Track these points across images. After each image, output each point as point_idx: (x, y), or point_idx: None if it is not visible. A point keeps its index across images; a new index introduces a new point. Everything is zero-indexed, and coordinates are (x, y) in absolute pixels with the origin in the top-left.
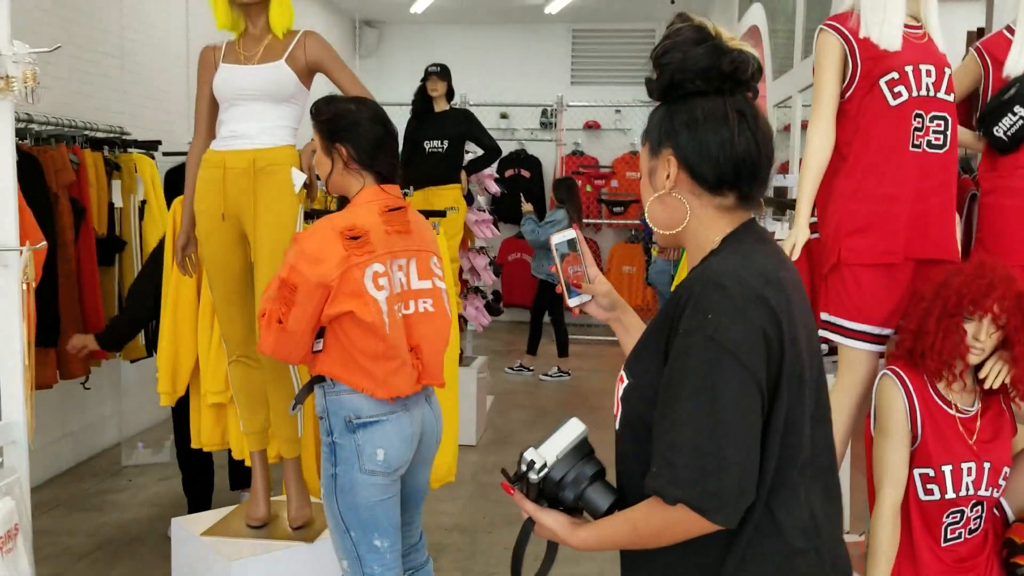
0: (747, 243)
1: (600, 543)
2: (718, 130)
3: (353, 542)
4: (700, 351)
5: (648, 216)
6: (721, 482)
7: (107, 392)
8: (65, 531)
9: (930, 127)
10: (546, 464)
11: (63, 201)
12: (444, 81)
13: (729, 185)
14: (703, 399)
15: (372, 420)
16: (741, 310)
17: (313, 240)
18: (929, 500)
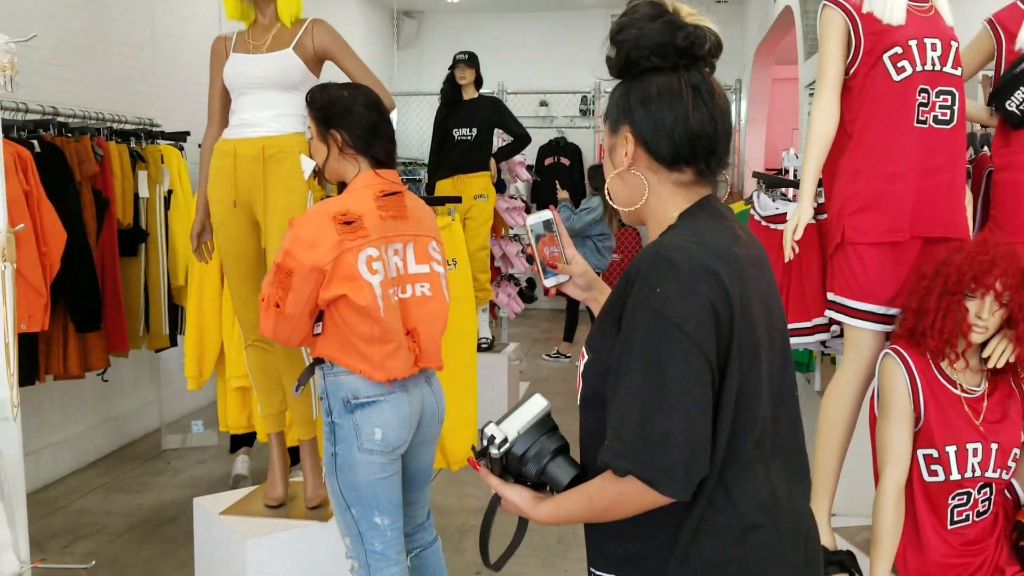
0: (700, 218)
1: (559, 517)
2: (673, 106)
3: (354, 519)
4: (647, 325)
5: (609, 194)
6: (669, 455)
7: (148, 379)
8: (103, 512)
9: (936, 102)
10: (507, 439)
11: (86, 192)
12: (472, 68)
13: (686, 161)
14: (651, 372)
15: (370, 400)
16: (689, 284)
17: (307, 225)
18: (934, 481)
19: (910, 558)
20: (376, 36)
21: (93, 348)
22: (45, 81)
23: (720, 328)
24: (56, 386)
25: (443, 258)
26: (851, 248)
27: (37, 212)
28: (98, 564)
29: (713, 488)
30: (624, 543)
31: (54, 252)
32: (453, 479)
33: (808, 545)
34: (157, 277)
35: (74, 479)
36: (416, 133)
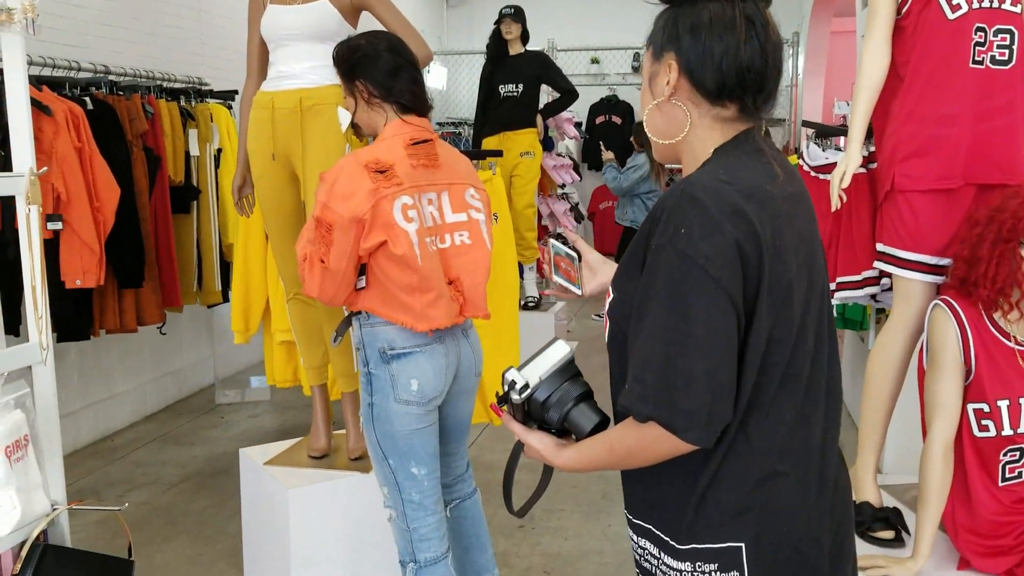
0: (734, 155)
1: (580, 464)
2: (724, 36)
3: (391, 469)
4: (670, 265)
5: (646, 124)
6: (691, 399)
7: (203, 335)
8: (158, 463)
9: (994, 41)
10: (528, 385)
11: (137, 150)
12: (518, 23)
13: (731, 95)
14: (673, 315)
15: (405, 351)
16: (715, 223)
17: (341, 176)
18: (984, 437)
19: (959, 515)
20: None
21: (147, 303)
22: (96, 40)
23: (747, 269)
24: (116, 341)
25: (484, 204)
26: (901, 196)
27: (90, 168)
28: (152, 513)
29: (735, 434)
30: (648, 489)
31: (107, 207)
32: (497, 435)
33: (836, 493)
34: (209, 234)
35: (132, 431)
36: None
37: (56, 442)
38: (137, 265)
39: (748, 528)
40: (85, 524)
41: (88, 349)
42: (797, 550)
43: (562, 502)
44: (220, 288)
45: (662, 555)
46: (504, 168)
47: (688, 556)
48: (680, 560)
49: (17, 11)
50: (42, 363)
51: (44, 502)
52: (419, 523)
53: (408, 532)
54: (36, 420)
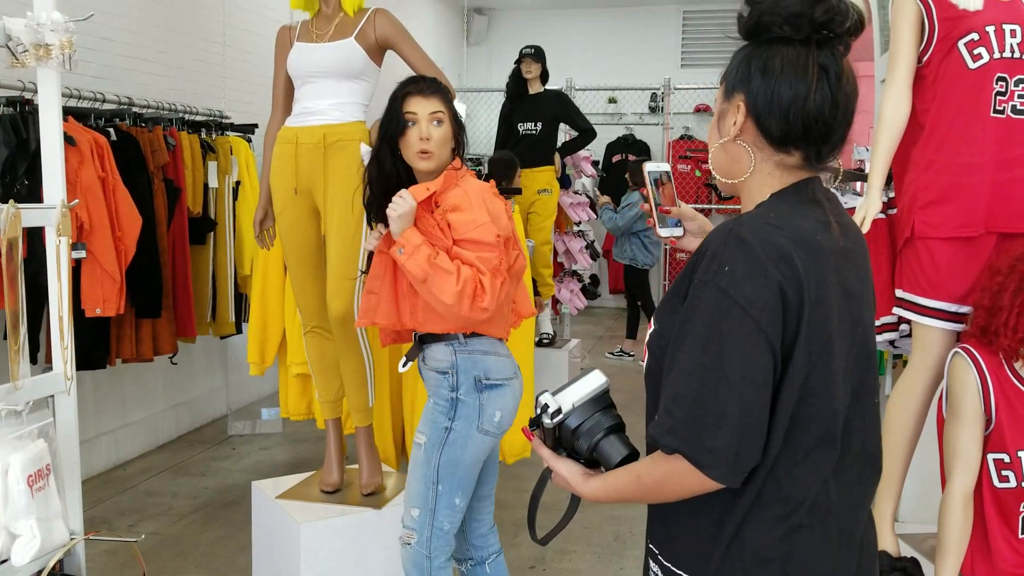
0: (790, 201)
1: (607, 495)
2: (794, 83)
3: (436, 494)
4: (711, 304)
5: (711, 161)
6: (719, 437)
7: (216, 366)
8: (169, 493)
9: (1015, 91)
10: (560, 410)
11: (158, 181)
12: (538, 63)
13: (795, 143)
14: (710, 352)
15: (499, 383)
16: (760, 266)
17: (485, 200)
18: (1004, 488)
19: (978, 568)
20: (446, 33)
21: (162, 333)
22: (122, 72)
23: (788, 315)
24: (130, 370)
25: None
26: (921, 243)
27: (112, 197)
28: (161, 544)
29: (764, 480)
30: (674, 526)
31: (129, 237)
32: (510, 473)
33: (863, 551)
34: (224, 266)
35: (143, 460)
36: (485, 129)
37: (76, 472)
38: (155, 295)
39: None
40: (95, 554)
41: (103, 378)
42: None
43: (574, 543)
44: (234, 319)
45: None
46: (522, 205)
47: None
48: None
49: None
50: (66, 393)
51: (63, 532)
52: (439, 552)
53: (427, 560)
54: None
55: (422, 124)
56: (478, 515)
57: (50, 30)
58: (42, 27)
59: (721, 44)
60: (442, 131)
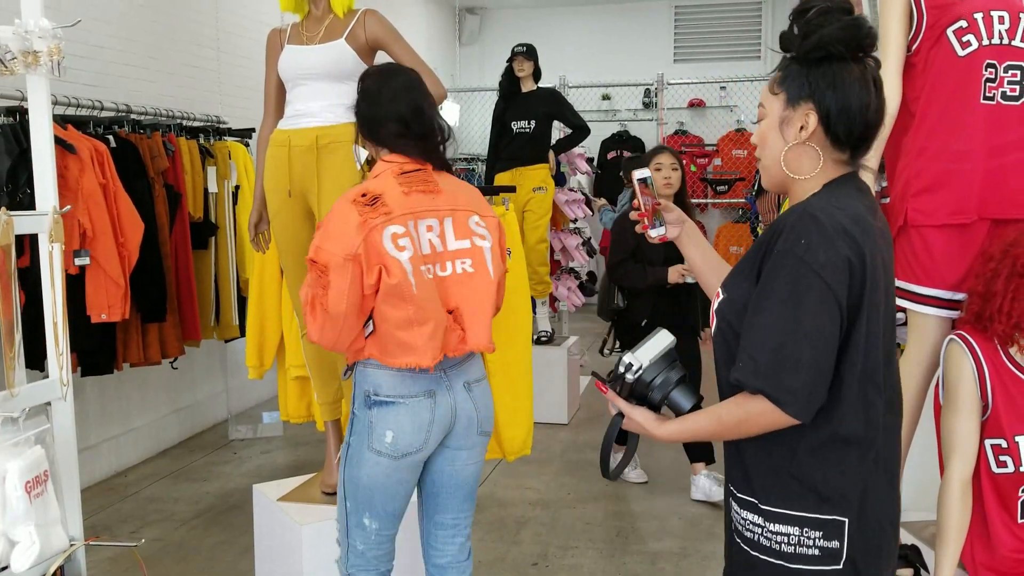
0: (844, 190)
1: (683, 434)
2: (861, 94)
3: (346, 512)
4: (790, 269)
5: (784, 161)
6: (796, 379)
7: (216, 370)
8: (171, 499)
9: (1004, 77)
10: (641, 366)
11: (158, 187)
12: (531, 61)
13: (853, 143)
14: (788, 309)
15: (388, 400)
16: (830, 239)
17: (332, 216)
18: (1002, 473)
19: (978, 553)
20: (438, 33)
21: (168, 336)
22: (118, 80)
23: (852, 281)
24: (132, 376)
25: (492, 232)
26: (914, 231)
27: (114, 204)
28: (164, 549)
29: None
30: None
31: (132, 242)
32: (511, 471)
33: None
34: (226, 269)
35: (145, 467)
36: (479, 129)
37: (74, 478)
38: (160, 299)
39: (853, 506)
40: (97, 560)
41: (105, 384)
42: (883, 529)
43: (576, 540)
44: (237, 323)
45: (767, 523)
46: (517, 203)
47: (797, 522)
48: (788, 525)
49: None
50: (62, 399)
51: (62, 538)
52: (357, 571)
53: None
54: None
55: None
56: (436, 542)
57: (38, 37)
58: (30, 34)
59: (713, 39)
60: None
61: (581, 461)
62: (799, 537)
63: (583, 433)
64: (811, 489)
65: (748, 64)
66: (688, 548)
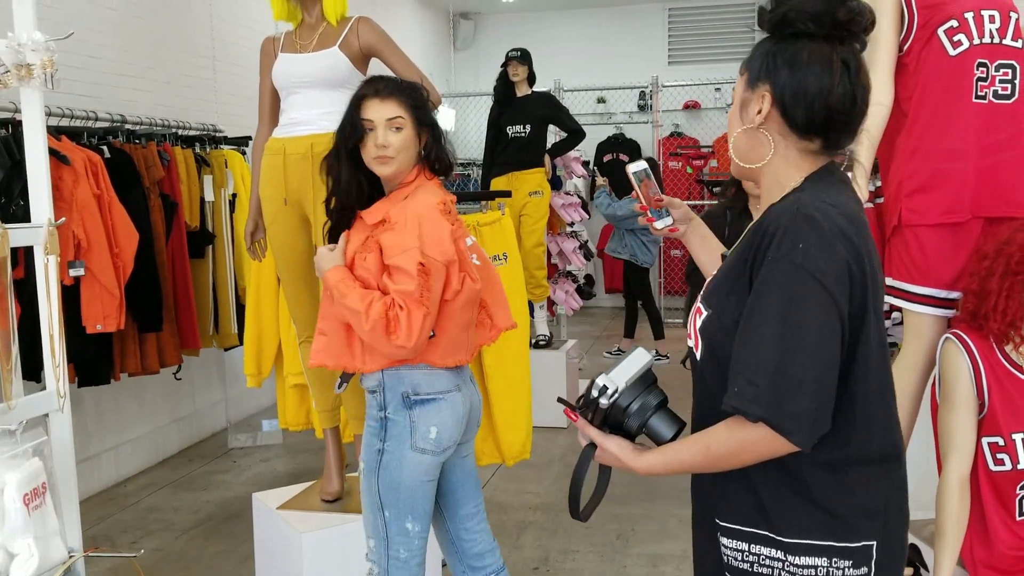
0: (829, 182)
1: (666, 466)
2: (820, 76)
3: (385, 522)
4: (787, 277)
5: (732, 146)
6: (800, 404)
7: (215, 379)
8: (171, 508)
9: (995, 76)
10: (617, 390)
11: (153, 197)
12: (525, 65)
13: (816, 132)
14: (788, 323)
15: (430, 398)
16: (829, 243)
17: (424, 221)
18: (1000, 471)
19: (977, 551)
20: (433, 38)
21: (166, 346)
22: (112, 90)
23: (854, 288)
24: (131, 386)
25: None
26: (909, 230)
27: (109, 214)
28: (164, 559)
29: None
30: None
31: (127, 253)
32: (511, 475)
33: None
34: (224, 278)
35: (145, 476)
36: (475, 134)
37: (73, 489)
38: (156, 309)
39: (879, 528)
40: (98, 571)
41: (103, 394)
42: (902, 544)
43: (577, 543)
44: (236, 331)
45: (789, 556)
46: (513, 208)
47: (824, 552)
48: (815, 556)
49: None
50: (59, 410)
51: (61, 549)
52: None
53: None
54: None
55: (379, 130)
56: (466, 535)
57: (31, 50)
58: (23, 47)
59: (707, 40)
60: (402, 136)
61: None
62: (828, 568)
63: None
64: (838, 516)
65: None
66: (688, 551)
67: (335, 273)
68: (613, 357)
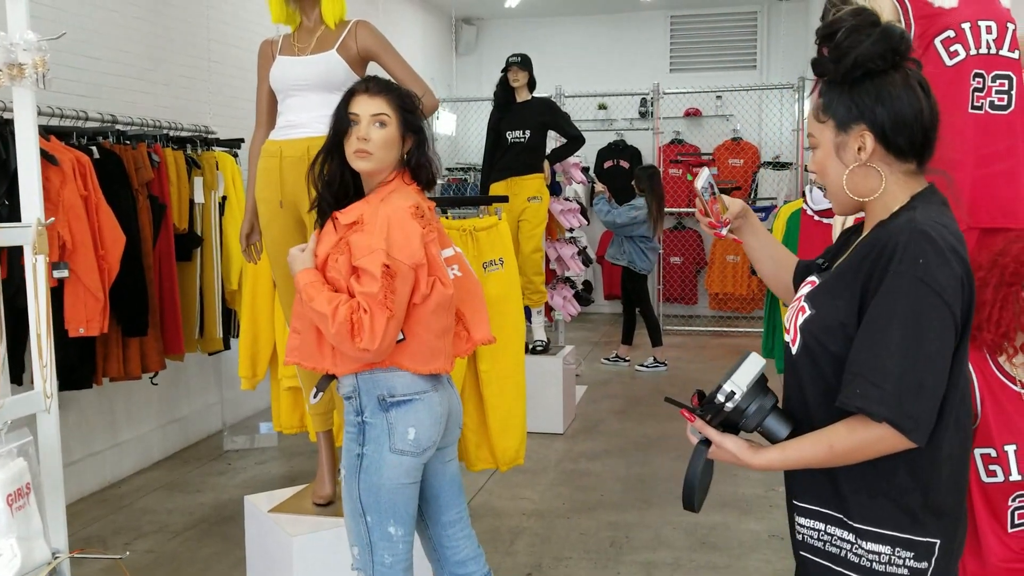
0: (934, 203)
1: (785, 462)
2: (911, 102)
3: (367, 527)
4: (910, 290)
5: (847, 187)
6: (921, 404)
7: (211, 381)
8: (165, 510)
9: (992, 87)
10: (741, 394)
11: (142, 199)
12: (525, 71)
13: (916, 151)
14: (910, 332)
15: (406, 399)
16: (946, 258)
17: (392, 224)
18: (992, 483)
19: (968, 563)
20: (435, 44)
21: (150, 351)
22: (109, 91)
23: (964, 299)
24: (123, 388)
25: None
26: None
27: (95, 216)
28: (157, 561)
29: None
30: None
31: (112, 255)
32: (506, 481)
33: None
34: (211, 282)
35: (139, 478)
36: (477, 139)
37: (59, 490)
38: (141, 313)
39: (947, 529)
40: (90, 572)
41: (95, 397)
42: (962, 546)
43: (570, 550)
44: (221, 335)
45: (859, 540)
46: (512, 213)
47: (890, 542)
48: (881, 544)
49: (28, 66)
50: (46, 411)
51: (44, 550)
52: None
53: None
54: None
55: (362, 124)
56: (449, 542)
57: (23, 49)
58: (15, 47)
59: (709, 48)
60: (384, 133)
61: (576, 471)
62: (890, 556)
63: (578, 443)
64: (907, 510)
65: (744, 74)
66: (682, 558)
67: (304, 276)
68: (611, 364)
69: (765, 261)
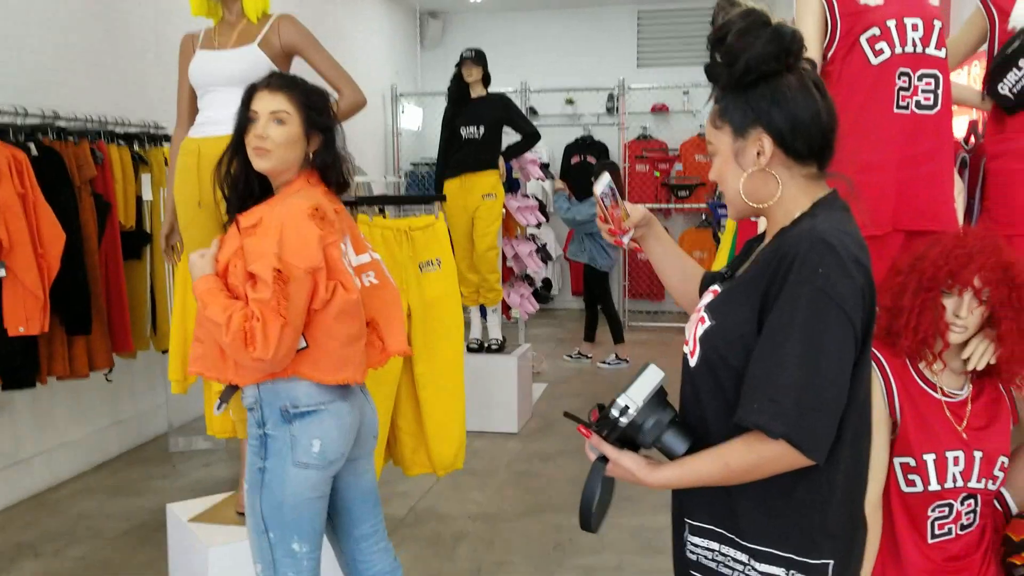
0: (836, 208)
1: (682, 480)
2: (807, 104)
3: (270, 544)
4: (810, 301)
5: (740, 191)
6: (820, 422)
7: (158, 382)
8: (103, 515)
9: (918, 86)
10: (637, 408)
11: (85, 196)
12: (479, 66)
13: (816, 154)
14: (810, 345)
15: (310, 410)
16: (847, 268)
17: (287, 227)
18: (912, 492)
19: (889, 574)
20: (401, 37)
21: (97, 349)
22: (47, 86)
23: (865, 310)
24: (65, 388)
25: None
26: None
27: (33, 214)
28: (87, 568)
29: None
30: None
31: (52, 253)
32: (454, 483)
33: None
34: (162, 279)
35: (79, 481)
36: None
37: None
38: (84, 311)
39: (839, 548)
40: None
41: (38, 396)
42: (858, 567)
43: (512, 554)
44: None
45: (752, 561)
46: (466, 210)
47: (784, 563)
48: (775, 565)
49: None
50: None
51: None
52: None
53: None
54: None
55: (260, 121)
56: (362, 556)
57: None
58: None
59: (677, 44)
60: (284, 131)
61: (528, 472)
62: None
63: (533, 443)
64: (804, 531)
65: None
66: (624, 562)
67: (202, 283)
68: (573, 360)
69: (670, 272)
